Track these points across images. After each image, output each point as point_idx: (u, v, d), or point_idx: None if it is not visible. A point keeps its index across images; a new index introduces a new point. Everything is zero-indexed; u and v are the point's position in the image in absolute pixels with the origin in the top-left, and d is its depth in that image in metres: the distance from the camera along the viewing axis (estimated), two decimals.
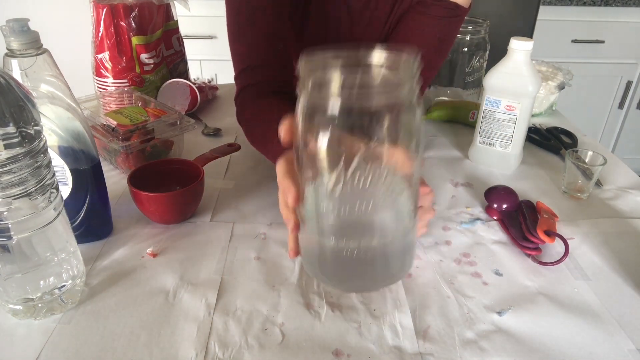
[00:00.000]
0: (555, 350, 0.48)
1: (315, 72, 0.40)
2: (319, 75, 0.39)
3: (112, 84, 0.89)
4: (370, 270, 0.45)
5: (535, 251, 0.60)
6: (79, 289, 0.52)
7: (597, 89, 2.15)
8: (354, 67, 0.41)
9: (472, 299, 0.54)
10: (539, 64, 1.04)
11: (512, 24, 1.74)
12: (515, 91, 0.75)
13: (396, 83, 0.37)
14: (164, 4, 0.95)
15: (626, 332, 0.50)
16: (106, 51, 0.87)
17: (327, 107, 0.38)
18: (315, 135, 0.39)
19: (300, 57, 0.41)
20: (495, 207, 0.68)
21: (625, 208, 0.70)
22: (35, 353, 0.46)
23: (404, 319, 0.51)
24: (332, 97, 0.37)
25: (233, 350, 0.47)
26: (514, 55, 0.74)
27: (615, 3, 1.94)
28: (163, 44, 0.97)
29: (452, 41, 0.81)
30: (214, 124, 0.96)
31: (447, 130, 0.96)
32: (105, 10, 0.84)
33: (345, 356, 0.47)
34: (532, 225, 0.62)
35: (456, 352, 0.47)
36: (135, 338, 0.48)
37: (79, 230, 0.59)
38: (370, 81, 0.39)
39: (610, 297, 0.54)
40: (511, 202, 0.67)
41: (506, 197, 0.68)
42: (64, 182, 0.56)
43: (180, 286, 0.55)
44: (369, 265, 0.45)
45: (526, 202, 0.68)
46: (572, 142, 0.90)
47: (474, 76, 1.06)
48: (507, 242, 0.63)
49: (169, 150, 0.81)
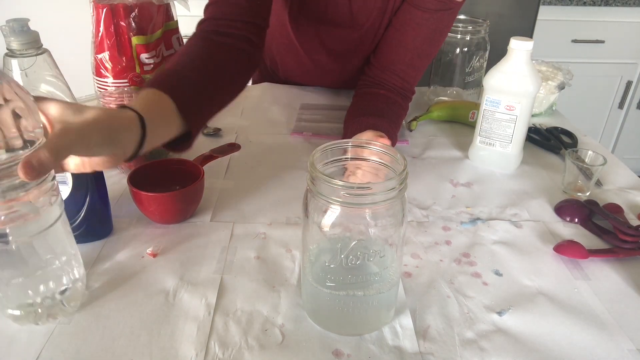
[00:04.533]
0: (555, 350, 0.48)
1: (325, 163, 0.46)
2: (326, 169, 0.46)
3: (112, 84, 0.89)
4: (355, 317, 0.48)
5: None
6: (79, 293, 0.52)
7: (597, 89, 2.15)
8: (357, 159, 0.48)
9: (472, 299, 0.54)
10: (539, 64, 1.04)
11: (512, 24, 1.74)
12: (515, 91, 0.75)
13: (391, 187, 0.42)
14: (164, 4, 0.95)
15: (626, 332, 0.50)
16: (106, 51, 0.87)
17: (329, 199, 0.42)
18: (317, 214, 0.44)
19: (317, 149, 0.45)
20: (569, 220, 0.68)
21: (625, 208, 0.70)
22: (35, 353, 0.46)
23: (403, 319, 0.51)
24: (334, 194, 0.42)
25: (233, 350, 0.47)
26: (514, 55, 0.74)
27: (615, 3, 1.94)
28: (163, 44, 0.97)
29: (446, 32, 0.85)
30: (214, 124, 0.96)
31: (447, 130, 0.96)
32: (105, 10, 0.84)
33: (345, 356, 0.47)
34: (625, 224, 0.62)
35: (456, 352, 0.47)
36: (135, 338, 0.48)
37: (79, 230, 0.59)
38: (367, 184, 0.43)
39: (610, 297, 0.54)
40: (583, 214, 0.67)
41: (579, 210, 0.68)
42: (64, 182, 0.56)
43: (180, 286, 0.55)
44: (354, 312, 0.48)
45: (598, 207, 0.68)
46: (572, 142, 0.90)
47: (474, 76, 1.06)
48: (509, 242, 0.63)
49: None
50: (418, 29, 0.82)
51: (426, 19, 0.80)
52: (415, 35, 0.82)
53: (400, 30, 0.83)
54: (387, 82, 0.85)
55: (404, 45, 0.83)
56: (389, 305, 0.50)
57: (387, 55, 0.85)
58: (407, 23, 0.82)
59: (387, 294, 0.48)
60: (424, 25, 0.81)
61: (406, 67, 0.84)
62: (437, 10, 0.79)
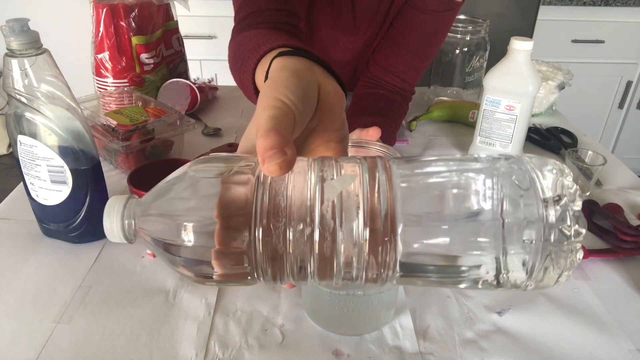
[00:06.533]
0: (555, 350, 0.48)
1: None
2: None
3: (112, 84, 0.89)
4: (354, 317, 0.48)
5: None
6: None
7: (597, 89, 2.15)
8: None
9: (472, 299, 0.54)
10: (539, 64, 1.04)
11: (512, 24, 1.74)
12: (515, 91, 0.75)
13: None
14: (164, 4, 0.95)
15: (626, 332, 0.50)
16: (106, 51, 0.87)
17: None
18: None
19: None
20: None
21: (625, 208, 0.70)
22: (35, 353, 0.46)
23: (403, 319, 0.51)
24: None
25: (233, 350, 0.47)
26: (514, 55, 0.74)
27: (615, 3, 1.94)
28: (163, 44, 0.97)
29: (446, 32, 0.85)
30: (214, 124, 0.96)
31: (447, 130, 0.96)
32: (105, 10, 0.84)
33: (345, 356, 0.47)
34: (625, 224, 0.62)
35: (456, 351, 0.47)
36: (135, 338, 0.48)
37: (79, 230, 0.59)
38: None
39: (610, 297, 0.54)
40: (583, 214, 0.67)
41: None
42: (64, 182, 0.56)
43: (180, 286, 0.55)
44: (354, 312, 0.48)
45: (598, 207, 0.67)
46: (572, 142, 0.90)
47: (474, 76, 1.06)
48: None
49: (169, 150, 0.81)
50: (419, 31, 0.82)
51: (427, 21, 0.80)
52: (416, 37, 0.82)
53: (401, 32, 0.83)
54: (388, 82, 0.85)
55: (404, 47, 0.83)
56: (389, 305, 0.50)
57: (388, 57, 0.85)
58: (408, 25, 0.82)
59: (387, 294, 0.48)
60: (425, 26, 0.81)
61: (407, 68, 0.84)
62: (438, 11, 0.79)
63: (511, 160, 0.29)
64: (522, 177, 0.28)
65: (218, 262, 0.29)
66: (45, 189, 0.56)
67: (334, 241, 0.27)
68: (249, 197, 0.28)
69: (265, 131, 0.27)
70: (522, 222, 0.27)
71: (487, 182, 0.28)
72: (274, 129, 0.27)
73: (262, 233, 0.27)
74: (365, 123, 0.73)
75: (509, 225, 0.27)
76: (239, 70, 0.54)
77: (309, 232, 0.27)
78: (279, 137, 0.27)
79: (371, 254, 0.28)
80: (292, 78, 0.31)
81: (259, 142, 0.27)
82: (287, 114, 0.29)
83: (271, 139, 0.27)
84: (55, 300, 0.52)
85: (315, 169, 0.29)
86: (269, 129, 0.27)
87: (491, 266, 0.28)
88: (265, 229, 0.27)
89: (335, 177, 0.29)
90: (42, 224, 0.61)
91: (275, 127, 0.27)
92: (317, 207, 0.28)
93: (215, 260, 0.29)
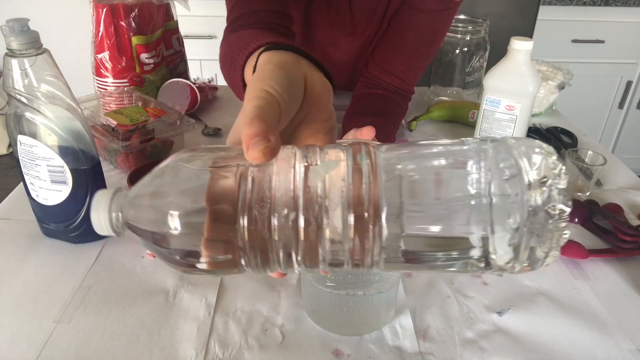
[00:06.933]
0: (555, 350, 0.48)
1: None
2: None
3: (112, 83, 0.89)
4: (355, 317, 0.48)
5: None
6: None
7: (597, 89, 2.15)
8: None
9: (472, 299, 0.54)
10: (539, 64, 1.04)
11: (512, 24, 1.74)
12: (515, 91, 0.75)
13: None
14: (164, 4, 0.95)
15: (626, 332, 0.50)
16: (106, 51, 0.87)
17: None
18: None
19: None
20: (569, 220, 0.67)
21: (625, 208, 0.70)
22: (35, 353, 0.46)
23: (403, 319, 0.51)
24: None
25: (233, 350, 0.47)
26: (514, 55, 0.74)
27: (615, 3, 1.94)
28: (163, 44, 0.97)
29: (445, 31, 0.85)
30: (214, 124, 0.96)
31: (447, 130, 0.96)
32: (105, 10, 0.84)
33: (345, 356, 0.47)
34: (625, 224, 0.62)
35: (456, 351, 0.47)
36: (135, 338, 0.48)
37: (79, 230, 0.59)
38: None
39: (610, 297, 0.54)
40: (583, 214, 0.67)
41: (579, 210, 0.68)
42: (64, 182, 0.56)
43: (180, 286, 0.55)
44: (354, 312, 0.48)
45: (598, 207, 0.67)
46: (572, 142, 0.90)
47: (474, 76, 1.06)
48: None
49: (169, 150, 0.81)
50: (417, 31, 0.81)
51: (426, 20, 0.80)
52: (415, 37, 0.82)
53: (399, 32, 0.83)
54: (386, 83, 0.85)
55: (403, 47, 0.83)
56: (389, 305, 0.50)
57: (387, 57, 0.85)
58: (406, 25, 0.82)
59: (387, 294, 0.48)
60: (423, 26, 0.81)
61: (405, 68, 0.84)
62: (436, 10, 0.79)
63: (497, 142, 0.30)
64: (507, 159, 0.28)
65: (206, 251, 0.29)
66: (45, 189, 0.56)
67: (319, 226, 0.27)
68: (234, 186, 0.28)
69: (249, 119, 0.28)
70: (508, 203, 0.27)
71: (473, 164, 0.28)
72: (258, 117, 0.28)
73: (247, 220, 0.28)
74: (363, 123, 0.73)
75: (495, 205, 0.27)
76: (229, 69, 0.55)
77: (293, 217, 0.27)
78: (263, 125, 0.28)
79: (356, 237, 0.28)
80: (278, 70, 0.33)
81: (244, 130, 0.27)
82: (271, 103, 0.30)
83: (255, 127, 0.27)
84: (55, 300, 0.52)
85: (299, 156, 0.30)
86: (253, 117, 0.28)
87: (478, 247, 0.28)
88: (250, 216, 0.28)
89: (319, 162, 0.29)
90: (42, 224, 0.61)
91: (259, 116, 0.28)
92: (301, 192, 0.28)
93: (203, 249, 0.29)
